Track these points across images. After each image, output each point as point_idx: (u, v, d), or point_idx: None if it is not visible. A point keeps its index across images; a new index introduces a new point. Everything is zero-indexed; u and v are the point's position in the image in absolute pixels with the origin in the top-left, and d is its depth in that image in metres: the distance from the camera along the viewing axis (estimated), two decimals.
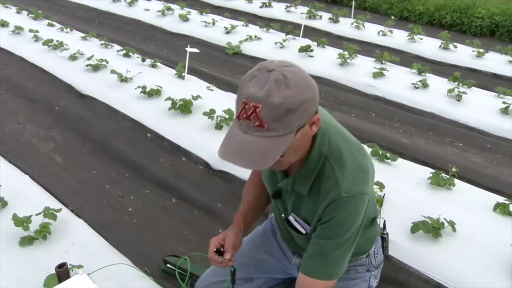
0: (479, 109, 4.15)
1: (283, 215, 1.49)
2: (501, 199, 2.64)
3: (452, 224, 2.36)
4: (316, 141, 1.33)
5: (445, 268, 2.20)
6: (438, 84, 4.66)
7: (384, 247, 1.81)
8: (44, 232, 2.24)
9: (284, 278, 1.92)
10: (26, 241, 2.21)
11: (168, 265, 2.19)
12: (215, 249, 1.54)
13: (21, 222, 2.22)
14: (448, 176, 2.81)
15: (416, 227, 2.34)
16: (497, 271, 2.16)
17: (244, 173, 2.91)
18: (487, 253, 2.26)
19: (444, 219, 2.37)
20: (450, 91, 4.36)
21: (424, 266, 2.22)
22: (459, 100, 4.29)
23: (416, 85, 4.57)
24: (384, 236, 1.80)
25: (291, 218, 1.47)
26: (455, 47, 6.08)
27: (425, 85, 4.54)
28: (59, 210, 2.36)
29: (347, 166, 1.34)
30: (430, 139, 3.73)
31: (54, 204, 2.49)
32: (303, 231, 1.46)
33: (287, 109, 1.13)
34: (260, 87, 1.14)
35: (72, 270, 1.85)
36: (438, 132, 3.85)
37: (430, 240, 2.33)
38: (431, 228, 2.33)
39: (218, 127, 3.41)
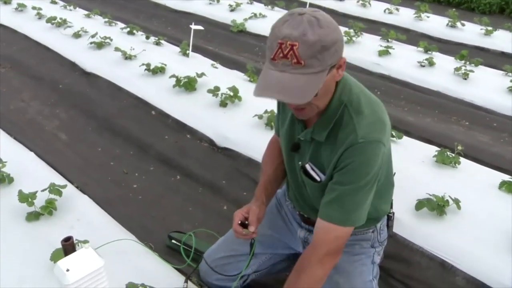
0: (486, 88, 4.11)
1: (300, 163, 1.53)
2: (506, 177, 2.63)
3: (457, 201, 2.35)
4: (338, 89, 1.40)
5: (449, 245, 2.20)
6: (445, 62, 4.61)
7: (389, 226, 1.83)
8: (49, 208, 2.25)
9: (288, 254, 1.93)
10: (33, 217, 2.23)
11: (173, 241, 2.20)
12: (239, 222, 1.61)
13: (26, 198, 2.23)
14: (453, 154, 2.79)
15: (420, 205, 2.34)
16: (501, 249, 2.16)
17: (248, 151, 2.90)
18: (491, 231, 2.26)
19: (449, 196, 2.37)
20: (457, 69, 4.31)
21: (428, 243, 2.22)
22: (465, 79, 4.24)
23: (422, 64, 4.52)
24: (390, 215, 1.81)
25: (307, 166, 1.51)
26: (463, 25, 5.99)
27: (431, 63, 4.49)
28: (64, 186, 2.37)
29: (365, 115, 1.39)
30: (436, 118, 3.70)
31: (59, 180, 2.50)
32: (318, 178, 1.50)
33: (322, 46, 1.21)
34: (295, 28, 1.21)
35: (78, 245, 1.87)
36: (444, 110, 3.82)
37: (435, 217, 2.33)
38: (435, 206, 2.33)
39: (223, 104, 3.39)
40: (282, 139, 1.65)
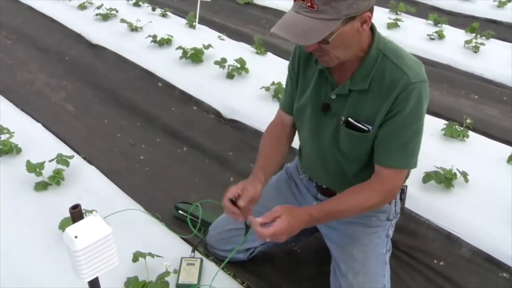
0: (496, 61, 4.03)
1: (343, 118, 1.52)
2: None
3: (464, 174, 2.34)
4: (375, 39, 1.43)
5: (456, 217, 2.21)
6: (455, 35, 4.52)
7: (402, 199, 1.83)
8: (57, 178, 2.27)
9: None
10: (41, 187, 2.25)
11: (179, 211, 2.21)
12: (231, 198, 1.52)
13: (34, 168, 2.25)
14: (462, 128, 2.77)
15: (428, 177, 2.33)
16: (507, 221, 2.16)
17: (255, 122, 2.89)
18: (499, 204, 2.26)
19: (457, 169, 2.36)
20: (467, 42, 4.23)
21: (435, 216, 2.23)
22: (476, 52, 4.17)
23: (432, 36, 4.45)
24: (403, 188, 1.81)
25: (350, 119, 1.51)
26: None
27: (441, 36, 4.42)
28: (71, 157, 2.38)
29: (407, 58, 1.45)
30: (445, 91, 3.65)
31: (66, 151, 2.51)
32: (366, 128, 1.49)
33: None
34: None
35: (86, 215, 1.88)
36: (453, 84, 3.76)
37: (442, 190, 2.33)
38: (443, 179, 2.32)
39: (230, 76, 3.37)
40: (307, 105, 1.62)
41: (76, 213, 1.29)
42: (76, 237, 1.18)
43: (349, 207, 1.52)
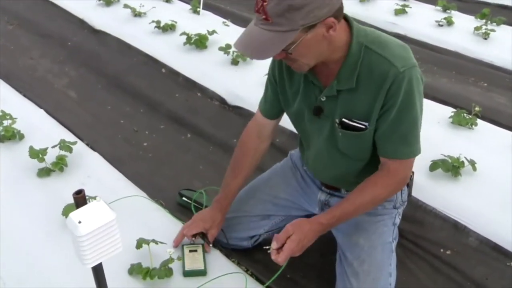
0: (507, 48, 3.95)
1: (337, 120, 1.48)
2: None
3: (472, 163, 2.31)
4: (353, 34, 1.37)
5: (463, 206, 2.18)
6: (464, 21, 4.45)
7: (409, 186, 1.81)
8: (60, 164, 2.25)
9: (301, 215, 1.91)
10: (44, 173, 2.23)
11: (183, 198, 2.20)
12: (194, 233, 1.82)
13: (37, 154, 2.23)
14: (470, 116, 2.73)
15: (435, 165, 2.30)
16: None
17: None
18: (506, 192, 2.22)
19: (465, 158, 2.32)
20: (477, 28, 4.15)
21: (442, 204, 2.20)
22: (486, 39, 4.10)
23: (441, 23, 4.37)
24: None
25: (345, 120, 1.48)
26: None
27: (450, 22, 4.34)
28: (74, 143, 2.36)
29: (391, 46, 1.39)
30: (453, 79, 3.60)
31: (70, 137, 2.48)
32: (363, 126, 1.46)
33: (289, 5, 1.19)
34: None
35: (90, 201, 1.86)
36: (462, 71, 3.70)
37: (449, 178, 2.30)
38: (450, 167, 2.29)
39: (234, 62, 3.33)
40: (303, 109, 1.58)
41: (80, 199, 1.27)
42: (80, 222, 1.16)
43: (359, 206, 1.53)
